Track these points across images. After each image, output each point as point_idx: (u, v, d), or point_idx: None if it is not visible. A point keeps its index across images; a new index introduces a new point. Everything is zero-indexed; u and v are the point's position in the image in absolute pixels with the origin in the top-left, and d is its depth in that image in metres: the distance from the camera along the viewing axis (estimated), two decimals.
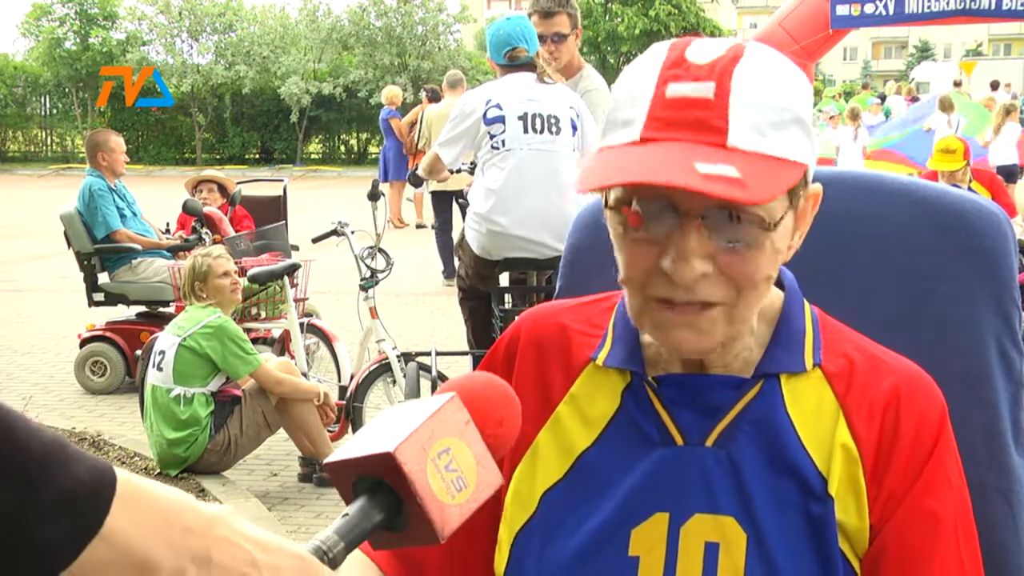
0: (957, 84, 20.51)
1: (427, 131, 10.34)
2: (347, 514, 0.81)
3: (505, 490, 1.08)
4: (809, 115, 0.99)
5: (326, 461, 0.85)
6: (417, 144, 10.37)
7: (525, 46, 4.23)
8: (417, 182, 6.27)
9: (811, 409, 1.03)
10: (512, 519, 1.08)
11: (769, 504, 1.00)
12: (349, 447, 0.84)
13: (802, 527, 1.00)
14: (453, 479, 0.82)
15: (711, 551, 1.00)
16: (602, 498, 1.04)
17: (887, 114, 19.22)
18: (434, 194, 10.06)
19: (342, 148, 28.54)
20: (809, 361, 1.05)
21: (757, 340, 1.06)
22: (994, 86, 19.63)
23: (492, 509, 1.01)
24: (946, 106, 13.36)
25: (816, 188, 1.03)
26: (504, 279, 4.47)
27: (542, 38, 4.36)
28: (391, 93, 13.91)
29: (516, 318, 4.08)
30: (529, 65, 4.23)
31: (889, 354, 1.07)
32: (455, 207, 9.93)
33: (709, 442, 1.03)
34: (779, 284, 1.09)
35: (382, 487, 0.81)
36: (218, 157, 26.66)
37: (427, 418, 0.83)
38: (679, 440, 1.04)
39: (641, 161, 0.93)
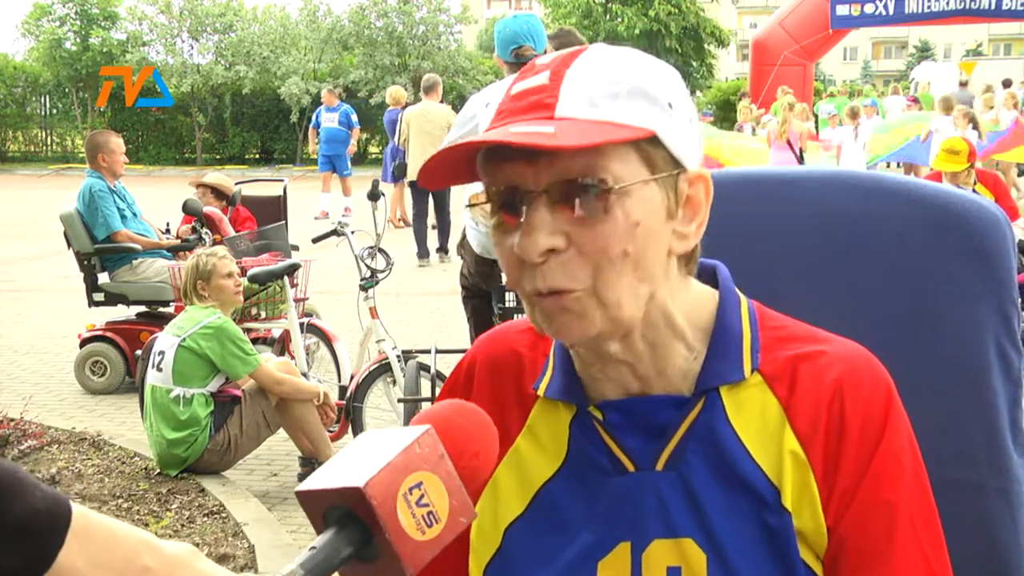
0: (963, 84, 20.46)
1: (406, 129, 10.86)
2: (314, 547, 0.79)
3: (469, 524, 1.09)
4: (663, 92, 0.97)
5: (296, 490, 0.84)
6: (398, 143, 10.87)
7: (532, 44, 4.24)
8: (402, 174, 6.33)
9: (755, 418, 1.01)
10: (479, 553, 1.08)
11: (726, 521, 0.99)
12: (320, 476, 0.83)
13: (761, 540, 0.98)
14: (424, 514, 0.81)
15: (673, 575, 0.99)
16: (566, 532, 1.03)
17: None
18: (412, 184, 10.64)
19: None
20: (747, 367, 1.02)
21: (693, 348, 1.03)
22: (1006, 83, 19.47)
23: (462, 540, 0.99)
24: (947, 106, 13.34)
25: (702, 172, 1.00)
26: None
27: None
28: (397, 93, 13.89)
29: (514, 317, 4.10)
30: None
31: (830, 341, 1.04)
32: (431, 199, 10.71)
33: (660, 466, 1.01)
34: (712, 283, 1.07)
35: (352, 518, 0.80)
36: (218, 157, 26.64)
37: (400, 452, 0.81)
38: (630, 467, 1.02)
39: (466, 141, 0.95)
